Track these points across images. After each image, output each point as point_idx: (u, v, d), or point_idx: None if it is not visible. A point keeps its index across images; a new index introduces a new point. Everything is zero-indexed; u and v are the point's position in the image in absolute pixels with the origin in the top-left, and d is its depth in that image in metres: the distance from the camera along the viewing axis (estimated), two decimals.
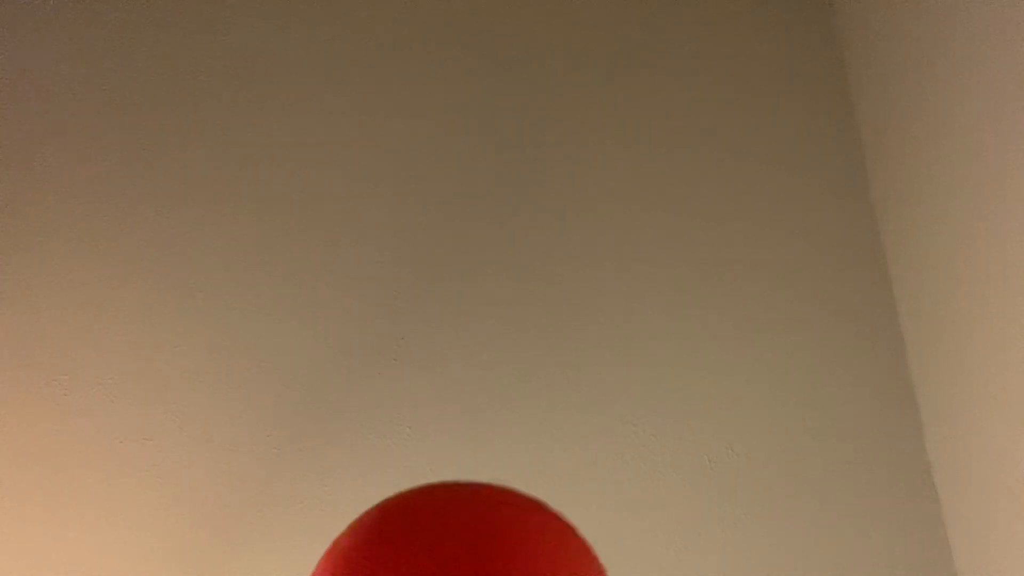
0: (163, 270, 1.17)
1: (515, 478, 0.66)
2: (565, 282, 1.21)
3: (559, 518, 0.64)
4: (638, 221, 1.24)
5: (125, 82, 1.24)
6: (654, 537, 1.12)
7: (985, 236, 0.98)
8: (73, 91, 1.23)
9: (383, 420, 1.14)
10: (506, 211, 1.24)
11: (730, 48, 1.32)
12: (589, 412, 1.16)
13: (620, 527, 1.11)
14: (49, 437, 1.10)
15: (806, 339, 1.19)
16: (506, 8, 1.32)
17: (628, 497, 1.12)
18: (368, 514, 0.62)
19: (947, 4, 1.03)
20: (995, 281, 0.97)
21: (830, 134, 1.29)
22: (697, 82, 1.31)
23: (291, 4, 1.30)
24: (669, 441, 1.15)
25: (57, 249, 1.17)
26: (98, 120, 1.22)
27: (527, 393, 1.16)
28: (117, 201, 1.20)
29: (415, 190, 1.24)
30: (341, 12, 1.30)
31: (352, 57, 1.29)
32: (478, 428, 1.13)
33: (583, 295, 1.21)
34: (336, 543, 0.62)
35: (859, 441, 1.15)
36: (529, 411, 1.16)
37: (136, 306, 1.16)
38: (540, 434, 1.13)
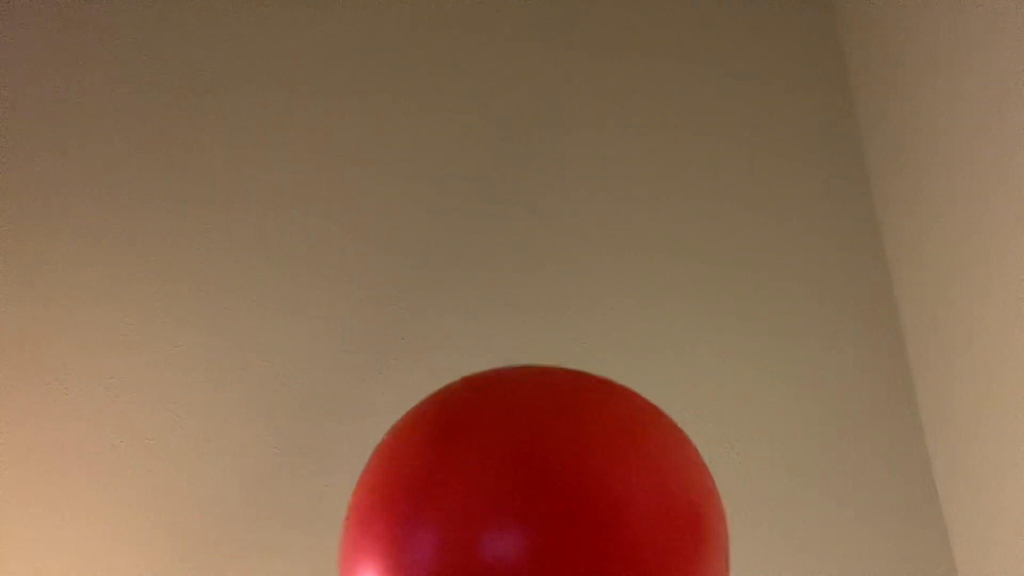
0: (163, 269, 1.17)
1: None
2: (566, 281, 1.21)
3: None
4: (639, 220, 1.24)
5: (124, 79, 1.24)
6: None
7: (985, 233, 0.99)
8: (74, 89, 1.23)
9: (384, 419, 1.14)
10: (508, 210, 1.24)
11: (732, 46, 1.32)
12: None
13: None
14: (49, 437, 1.10)
15: (807, 336, 1.20)
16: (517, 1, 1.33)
17: None
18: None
19: (948, 0, 1.03)
20: (995, 277, 0.97)
21: (831, 130, 1.29)
22: (699, 80, 1.31)
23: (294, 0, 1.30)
24: None
25: (57, 249, 1.17)
26: (98, 118, 1.22)
27: None
28: (117, 200, 1.19)
29: (416, 190, 1.24)
30: (345, 7, 1.30)
31: (352, 54, 1.29)
32: None
33: (584, 294, 1.21)
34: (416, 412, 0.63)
35: (859, 438, 1.15)
36: None
37: (137, 306, 1.16)
38: None
